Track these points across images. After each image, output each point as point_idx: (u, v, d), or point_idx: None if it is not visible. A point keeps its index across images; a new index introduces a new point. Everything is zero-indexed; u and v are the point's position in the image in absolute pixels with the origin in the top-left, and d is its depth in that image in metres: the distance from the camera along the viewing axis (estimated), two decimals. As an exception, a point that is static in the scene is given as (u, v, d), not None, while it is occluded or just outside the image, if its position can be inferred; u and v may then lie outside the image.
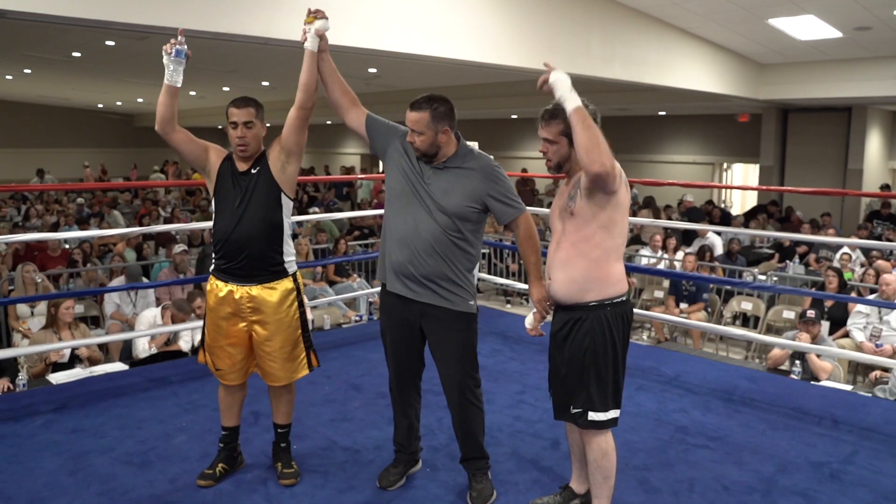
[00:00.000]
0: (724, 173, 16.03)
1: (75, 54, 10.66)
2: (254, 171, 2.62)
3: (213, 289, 2.68)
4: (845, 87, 9.93)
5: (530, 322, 2.57)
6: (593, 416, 2.34)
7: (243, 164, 2.63)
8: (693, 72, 9.23)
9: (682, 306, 7.06)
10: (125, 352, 5.33)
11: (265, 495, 2.69)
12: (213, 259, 2.69)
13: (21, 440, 3.13)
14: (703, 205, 11.90)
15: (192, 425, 3.31)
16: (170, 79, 2.55)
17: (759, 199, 13.23)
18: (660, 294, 7.49)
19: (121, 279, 6.67)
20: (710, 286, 7.10)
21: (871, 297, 5.89)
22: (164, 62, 2.55)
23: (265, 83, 13.67)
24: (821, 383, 4.47)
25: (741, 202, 15.61)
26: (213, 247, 2.71)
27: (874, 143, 12.35)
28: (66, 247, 8.26)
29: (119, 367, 4.39)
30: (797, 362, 4.83)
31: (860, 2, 7.08)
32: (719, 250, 8.39)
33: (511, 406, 3.60)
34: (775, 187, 12.64)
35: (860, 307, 5.76)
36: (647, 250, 8.42)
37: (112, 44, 9.30)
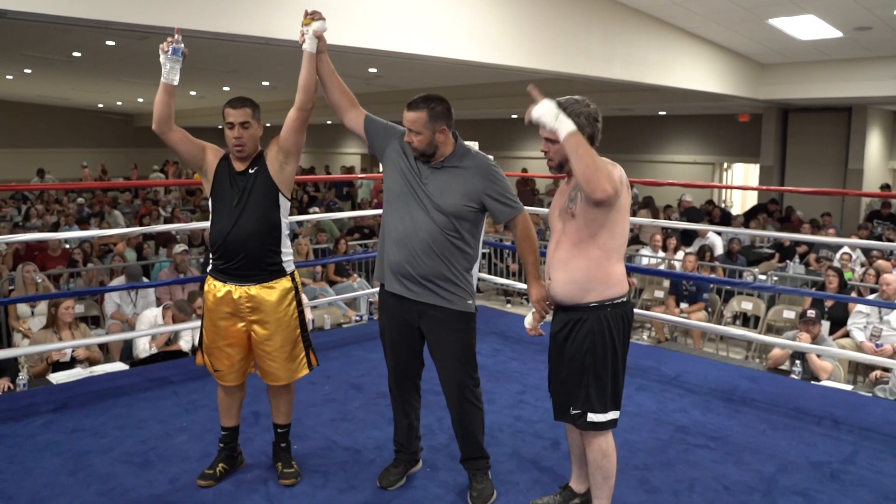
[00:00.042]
0: (725, 173, 16.03)
1: (75, 54, 10.67)
2: (251, 171, 2.62)
3: (210, 289, 2.68)
4: (845, 87, 9.92)
5: (530, 322, 2.57)
6: (592, 417, 2.33)
7: (241, 164, 2.63)
8: (693, 72, 9.22)
9: (683, 306, 7.06)
10: (125, 352, 5.34)
11: (265, 495, 2.69)
12: (211, 259, 2.69)
13: (21, 440, 3.13)
14: (704, 205, 11.90)
15: (192, 425, 3.31)
16: (167, 77, 2.55)
17: (759, 198, 13.22)
18: (660, 294, 7.50)
19: (121, 279, 6.67)
20: (711, 286, 7.10)
21: (872, 297, 5.89)
22: (160, 60, 2.55)
23: (265, 83, 13.67)
24: (821, 383, 4.47)
25: (741, 202, 15.61)
26: (210, 247, 2.71)
27: (874, 143, 12.34)
28: (67, 247, 8.27)
29: (119, 366, 4.39)
30: (797, 362, 4.83)
31: (860, 2, 7.07)
32: (719, 250, 8.39)
33: (511, 406, 3.60)
34: (775, 187, 12.63)
35: (860, 307, 5.77)
36: (647, 250, 8.42)
37: (112, 44, 9.30)
